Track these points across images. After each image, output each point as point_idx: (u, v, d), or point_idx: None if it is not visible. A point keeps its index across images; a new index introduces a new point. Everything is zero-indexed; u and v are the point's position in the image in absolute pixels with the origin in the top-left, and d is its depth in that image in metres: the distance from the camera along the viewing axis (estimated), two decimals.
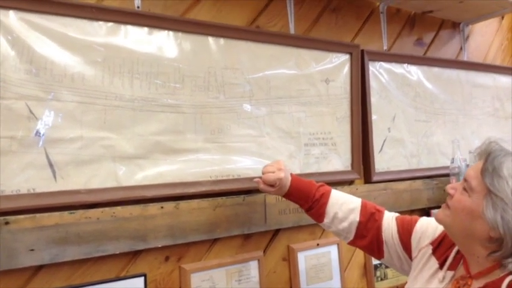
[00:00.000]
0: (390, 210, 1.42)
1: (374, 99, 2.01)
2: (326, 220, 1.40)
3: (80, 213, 1.27)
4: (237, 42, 1.62)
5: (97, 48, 1.34)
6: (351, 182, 1.94)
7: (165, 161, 1.46)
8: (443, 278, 1.16)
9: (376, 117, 2.02)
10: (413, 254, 1.29)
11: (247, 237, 1.64)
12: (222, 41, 1.58)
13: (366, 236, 1.36)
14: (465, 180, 1.09)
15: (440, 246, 1.23)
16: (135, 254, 1.40)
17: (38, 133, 1.25)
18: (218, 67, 1.57)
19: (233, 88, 1.61)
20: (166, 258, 1.46)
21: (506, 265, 1.03)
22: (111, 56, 1.37)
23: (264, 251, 1.67)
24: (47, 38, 1.27)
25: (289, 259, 1.74)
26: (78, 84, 1.31)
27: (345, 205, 1.39)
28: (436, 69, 2.26)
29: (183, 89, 1.49)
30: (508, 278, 1.02)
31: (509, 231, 0.99)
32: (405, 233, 1.32)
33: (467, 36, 2.49)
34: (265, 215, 1.63)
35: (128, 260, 1.39)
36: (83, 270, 1.31)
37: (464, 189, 1.08)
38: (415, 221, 1.33)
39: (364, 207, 1.39)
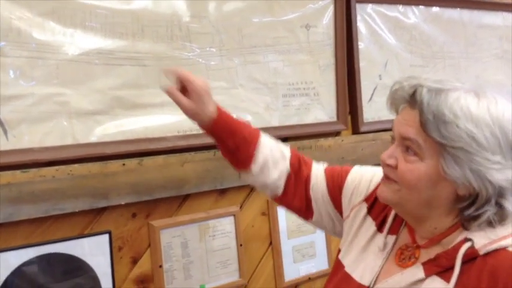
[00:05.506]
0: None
1: (362, 44, 1.89)
2: (254, 166, 1.12)
3: (33, 171, 1.24)
4: None
5: None
6: (337, 134, 1.85)
7: (127, 116, 1.40)
8: (384, 245, 0.98)
9: (365, 64, 1.89)
10: (345, 213, 1.09)
11: (221, 192, 1.59)
12: None
13: (295, 192, 1.15)
14: (404, 139, 0.89)
15: (377, 203, 1.04)
16: (100, 212, 1.38)
17: None
18: (182, 15, 1.48)
19: (200, 38, 1.52)
20: (134, 215, 1.44)
21: (468, 226, 0.87)
22: (61, 6, 1.29)
23: (240, 207, 1.63)
24: None
25: (269, 213, 1.69)
26: (25, 38, 1.25)
27: (275, 150, 1.15)
28: (435, 10, 2.09)
29: (143, 40, 1.42)
30: (465, 246, 0.85)
31: (483, 182, 0.83)
32: (335, 188, 1.12)
33: None
34: None
35: (92, 217, 1.37)
36: (43, 229, 1.30)
37: (408, 151, 0.89)
38: (346, 173, 1.12)
39: (294, 155, 1.16)
